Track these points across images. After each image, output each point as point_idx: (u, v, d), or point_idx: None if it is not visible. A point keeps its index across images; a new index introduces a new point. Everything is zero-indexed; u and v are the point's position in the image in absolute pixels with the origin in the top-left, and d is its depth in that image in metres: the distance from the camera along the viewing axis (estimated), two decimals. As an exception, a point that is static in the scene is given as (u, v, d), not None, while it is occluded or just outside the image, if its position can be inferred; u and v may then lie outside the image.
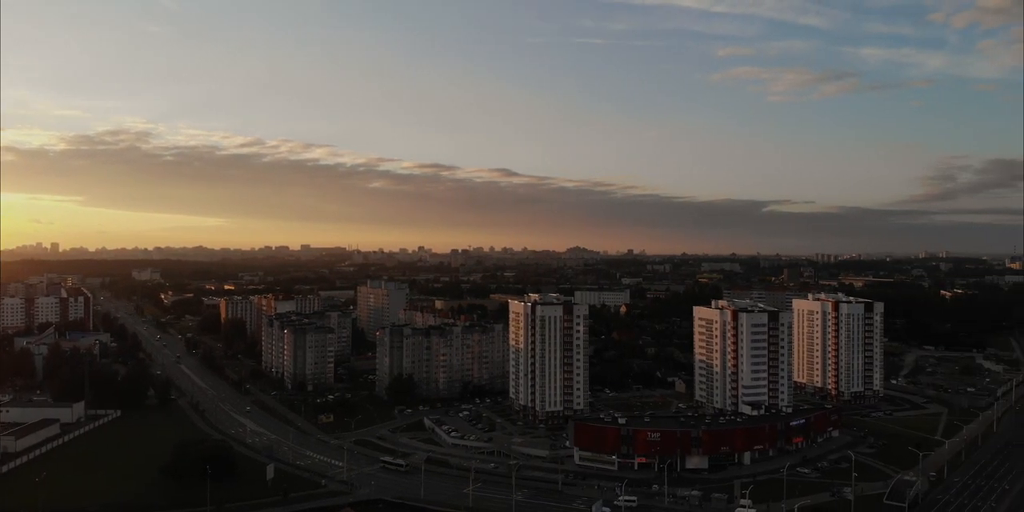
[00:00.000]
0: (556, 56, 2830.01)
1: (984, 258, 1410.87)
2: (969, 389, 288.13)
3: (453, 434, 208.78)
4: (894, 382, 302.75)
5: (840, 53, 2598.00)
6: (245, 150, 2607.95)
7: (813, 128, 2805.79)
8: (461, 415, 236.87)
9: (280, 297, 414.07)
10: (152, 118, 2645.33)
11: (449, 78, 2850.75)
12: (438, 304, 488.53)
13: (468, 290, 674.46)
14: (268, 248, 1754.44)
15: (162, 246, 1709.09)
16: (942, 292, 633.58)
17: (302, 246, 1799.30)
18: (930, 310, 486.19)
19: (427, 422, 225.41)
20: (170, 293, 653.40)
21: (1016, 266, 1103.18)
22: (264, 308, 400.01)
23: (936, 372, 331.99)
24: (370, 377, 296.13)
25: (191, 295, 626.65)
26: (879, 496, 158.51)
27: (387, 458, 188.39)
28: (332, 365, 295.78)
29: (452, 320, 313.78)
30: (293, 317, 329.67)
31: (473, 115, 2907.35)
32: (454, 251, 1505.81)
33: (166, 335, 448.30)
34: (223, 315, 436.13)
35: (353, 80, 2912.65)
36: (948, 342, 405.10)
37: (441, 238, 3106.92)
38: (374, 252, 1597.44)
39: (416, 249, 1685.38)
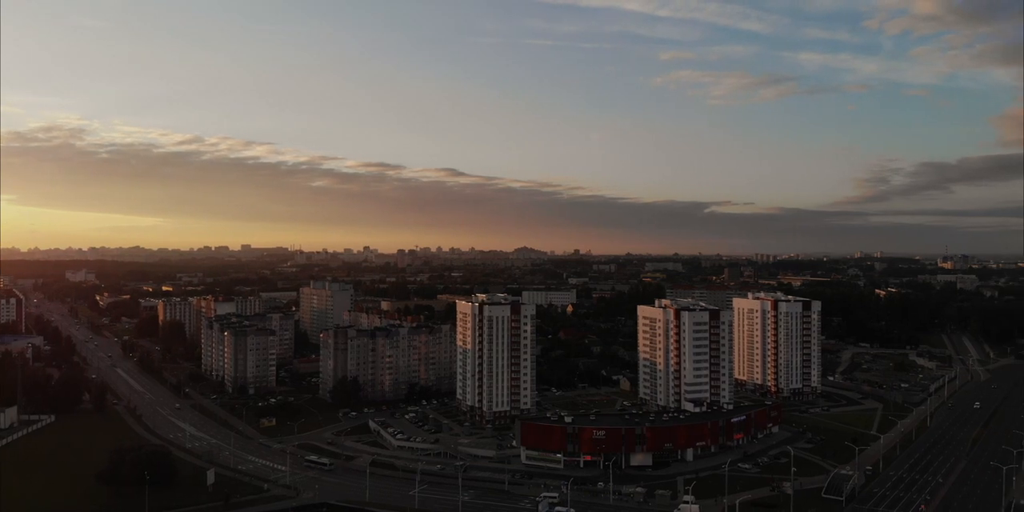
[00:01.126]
0: (504, 56, 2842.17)
1: (917, 258, 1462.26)
2: (903, 385, 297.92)
3: (399, 436, 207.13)
4: (831, 379, 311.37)
5: (779, 58, 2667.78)
6: (183, 148, 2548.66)
7: (753, 131, 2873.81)
8: (407, 417, 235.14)
9: (220, 298, 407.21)
10: (87, 114, 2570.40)
11: (395, 76, 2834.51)
12: (384, 305, 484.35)
13: (415, 291, 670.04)
14: (207, 248, 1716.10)
15: (97, 246, 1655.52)
16: (877, 291, 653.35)
17: (243, 246, 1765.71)
18: (865, 308, 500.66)
19: (372, 425, 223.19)
20: (106, 295, 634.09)
21: (947, 266, 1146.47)
22: (203, 310, 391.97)
23: (871, 369, 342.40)
24: (314, 380, 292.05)
25: (127, 297, 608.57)
26: (817, 490, 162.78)
27: (312, 457, 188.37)
28: (274, 368, 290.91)
29: (398, 321, 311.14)
30: (233, 319, 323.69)
31: (419, 114, 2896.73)
32: (400, 251, 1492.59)
33: (102, 338, 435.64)
34: (161, 317, 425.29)
35: (295, 77, 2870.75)
36: (883, 339, 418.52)
37: (387, 238, 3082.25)
38: (317, 252, 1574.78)
39: (361, 249, 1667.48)
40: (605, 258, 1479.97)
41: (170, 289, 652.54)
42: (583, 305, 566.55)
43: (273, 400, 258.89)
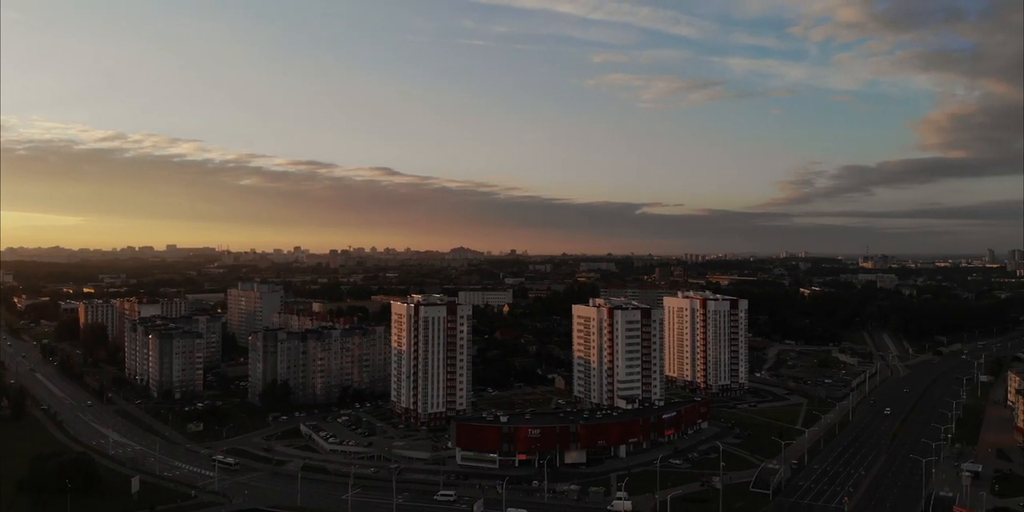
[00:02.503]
0: (437, 55, 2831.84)
1: (839, 258, 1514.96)
2: (827, 381, 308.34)
3: (331, 440, 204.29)
4: (758, 375, 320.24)
5: (709, 63, 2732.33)
6: (105, 145, 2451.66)
7: (682, 134, 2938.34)
8: (340, 420, 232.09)
9: (144, 300, 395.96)
10: (3, 109, 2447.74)
11: (325, 73, 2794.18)
12: (316, 306, 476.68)
13: (348, 292, 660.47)
14: (131, 249, 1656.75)
15: (14, 246, 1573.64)
16: (801, 290, 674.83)
17: (168, 246, 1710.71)
18: (790, 307, 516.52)
19: (304, 428, 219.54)
20: (24, 297, 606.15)
21: (868, 265, 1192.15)
22: (127, 312, 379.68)
23: (796, 365, 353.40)
24: (242, 384, 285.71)
25: (47, 299, 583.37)
26: (746, 484, 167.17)
27: (218, 456, 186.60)
28: (201, 372, 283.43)
29: (331, 323, 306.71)
30: (158, 322, 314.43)
31: (351, 112, 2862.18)
32: (333, 251, 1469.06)
33: (20, 342, 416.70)
34: (82, 320, 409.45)
35: (223, 72, 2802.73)
36: (807, 337, 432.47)
37: (319, 238, 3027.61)
38: (246, 253, 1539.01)
39: (292, 250, 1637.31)
40: (541, 258, 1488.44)
41: (92, 291, 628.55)
42: (520, 305, 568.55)
43: (200, 405, 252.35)
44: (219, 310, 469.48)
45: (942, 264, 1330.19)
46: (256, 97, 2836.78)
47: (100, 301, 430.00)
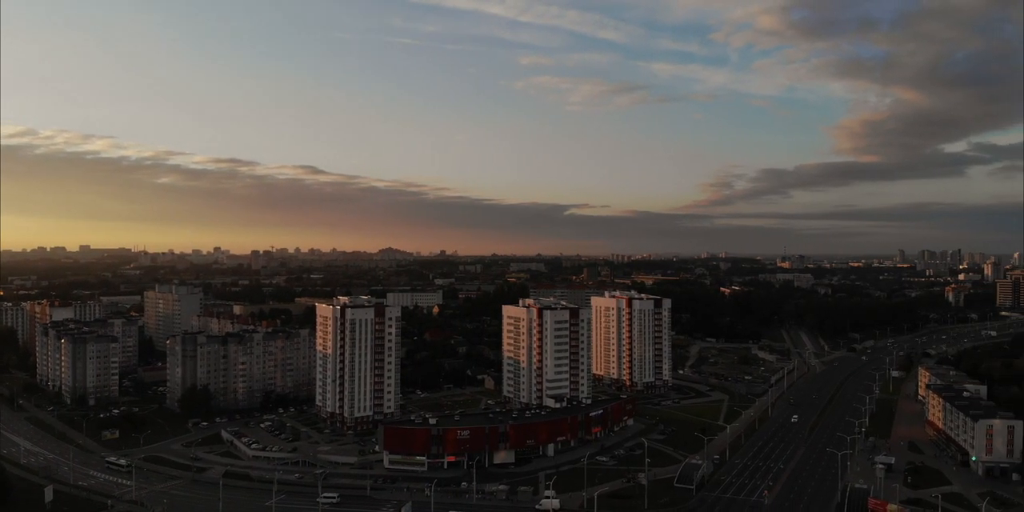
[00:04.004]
0: (364, 53, 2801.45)
1: (758, 258, 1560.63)
2: (747, 377, 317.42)
3: (254, 446, 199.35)
4: (681, 372, 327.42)
5: (634, 67, 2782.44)
6: (15, 141, 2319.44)
7: (608, 137, 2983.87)
8: (263, 426, 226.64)
9: (56, 303, 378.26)
10: None
11: (249, 68, 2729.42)
12: (237, 309, 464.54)
13: (271, 294, 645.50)
14: (42, 249, 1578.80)
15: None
16: (722, 289, 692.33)
17: (81, 247, 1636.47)
18: (712, 305, 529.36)
19: (225, 435, 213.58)
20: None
21: (785, 265, 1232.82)
22: (38, 315, 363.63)
23: (718, 362, 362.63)
24: (160, 389, 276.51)
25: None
26: (670, 480, 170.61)
27: (111, 458, 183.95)
28: (117, 377, 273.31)
29: (253, 326, 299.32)
30: (71, 325, 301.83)
31: (274, 109, 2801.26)
32: (255, 252, 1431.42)
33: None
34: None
35: (140, 66, 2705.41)
36: (728, 334, 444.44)
37: (240, 238, 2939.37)
38: (163, 253, 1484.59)
39: (212, 250, 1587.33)
40: (471, 259, 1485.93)
41: (1, 293, 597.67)
42: (449, 306, 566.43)
43: (116, 411, 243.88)
44: (135, 313, 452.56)
45: (856, 264, 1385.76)
46: (175, 92, 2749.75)
47: (9, 304, 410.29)
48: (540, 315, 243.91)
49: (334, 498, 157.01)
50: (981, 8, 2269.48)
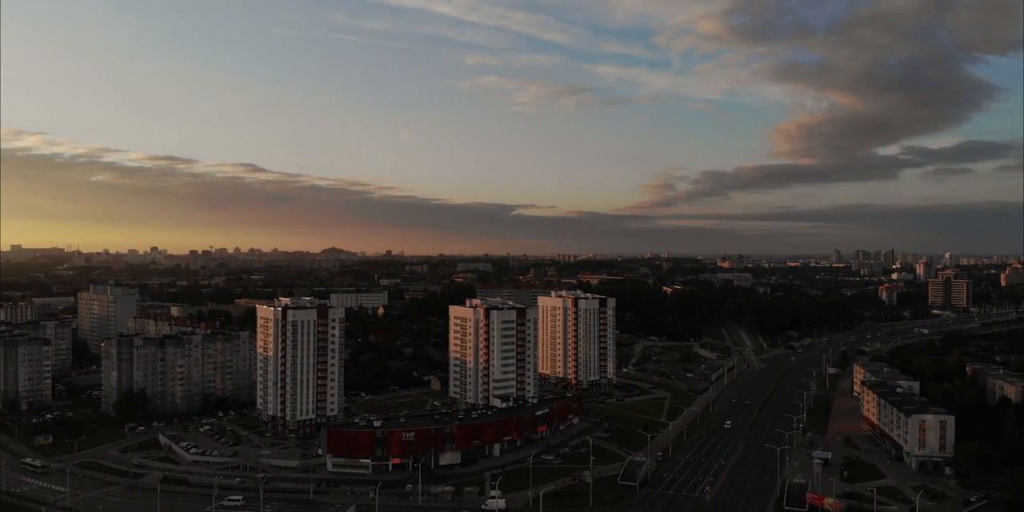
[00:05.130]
0: (308, 49, 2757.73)
1: (699, 258, 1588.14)
2: (688, 375, 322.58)
3: (193, 450, 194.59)
4: (625, 370, 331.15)
5: (580, 69, 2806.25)
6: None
7: (554, 138, 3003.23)
8: (202, 430, 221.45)
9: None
10: None
11: (187, 63, 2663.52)
12: (175, 311, 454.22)
13: (210, 295, 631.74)
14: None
15: None
16: (665, 288, 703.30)
17: (12, 247, 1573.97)
18: (655, 305, 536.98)
19: (163, 439, 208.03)
20: None
21: (725, 265, 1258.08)
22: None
23: (660, 360, 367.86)
24: (95, 393, 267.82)
25: None
26: (614, 477, 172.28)
27: (27, 460, 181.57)
28: (49, 381, 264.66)
29: (191, 328, 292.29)
30: (2, 328, 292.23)
31: (213, 105, 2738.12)
32: (193, 252, 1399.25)
33: None
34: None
35: (74, 60, 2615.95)
36: (670, 333, 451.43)
37: (177, 238, 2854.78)
38: (98, 253, 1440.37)
39: (148, 250, 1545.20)
40: (418, 259, 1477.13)
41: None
42: (395, 306, 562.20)
43: (49, 416, 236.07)
44: (69, 315, 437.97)
45: (793, 264, 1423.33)
46: (110, 87, 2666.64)
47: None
48: (487, 315, 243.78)
49: (238, 501, 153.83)
50: (914, 15, 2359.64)
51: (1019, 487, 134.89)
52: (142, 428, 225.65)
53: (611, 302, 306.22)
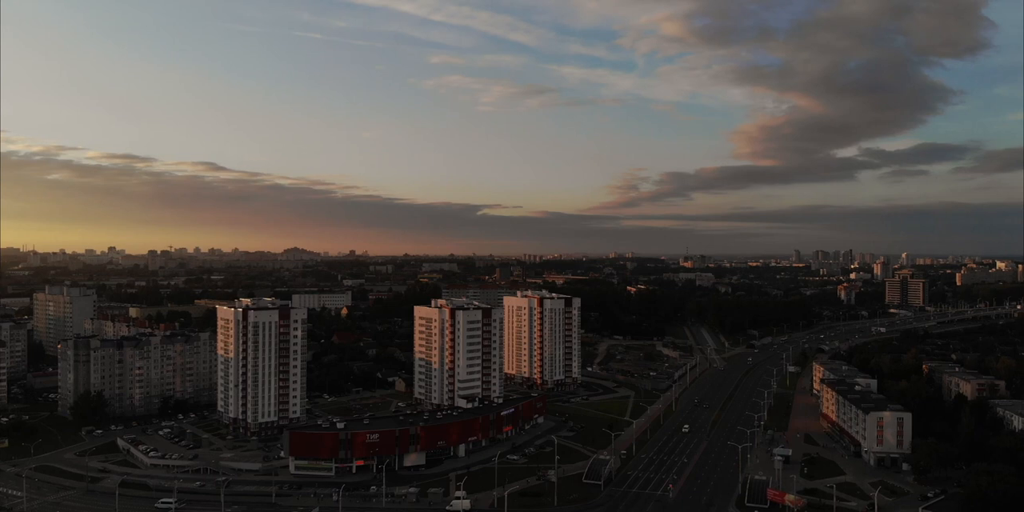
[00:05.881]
0: (270, 47, 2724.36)
1: (662, 258, 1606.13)
2: (652, 373, 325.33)
3: (152, 454, 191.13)
4: (590, 369, 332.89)
5: (545, 70, 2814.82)
6: None
7: (520, 138, 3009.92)
8: (162, 433, 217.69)
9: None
10: None
11: (147, 60, 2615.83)
12: (133, 312, 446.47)
13: (169, 296, 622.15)
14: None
15: None
16: (629, 288, 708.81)
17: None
18: (619, 304, 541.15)
19: (121, 443, 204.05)
20: None
21: (688, 265, 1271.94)
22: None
23: (624, 359, 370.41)
24: (52, 396, 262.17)
25: None
26: (579, 476, 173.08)
27: None
28: (4, 383, 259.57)
29: (150, 329, 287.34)
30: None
31: (174, 103, 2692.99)
32: (152, 252, 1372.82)
33: None
34: None
35: (29, 56, 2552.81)
36: (634, 332, 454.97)
37: (136, 238, 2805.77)
38: (54, 254, 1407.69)
39: (106, 250, 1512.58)
40: (382, 259, 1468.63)
41: None
42: (359, 307, 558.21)
43: (4, 419, 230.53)
44: (25, 316, 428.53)
45: (754, 264, 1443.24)
46: (67, 84, 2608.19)
47: None
48: (453, 315, 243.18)
49: (171, 504, 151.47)
50: (873, 19, 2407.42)
51: (975, 483, 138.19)
52: (100, 431, 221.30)
53: (576, 302, 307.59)
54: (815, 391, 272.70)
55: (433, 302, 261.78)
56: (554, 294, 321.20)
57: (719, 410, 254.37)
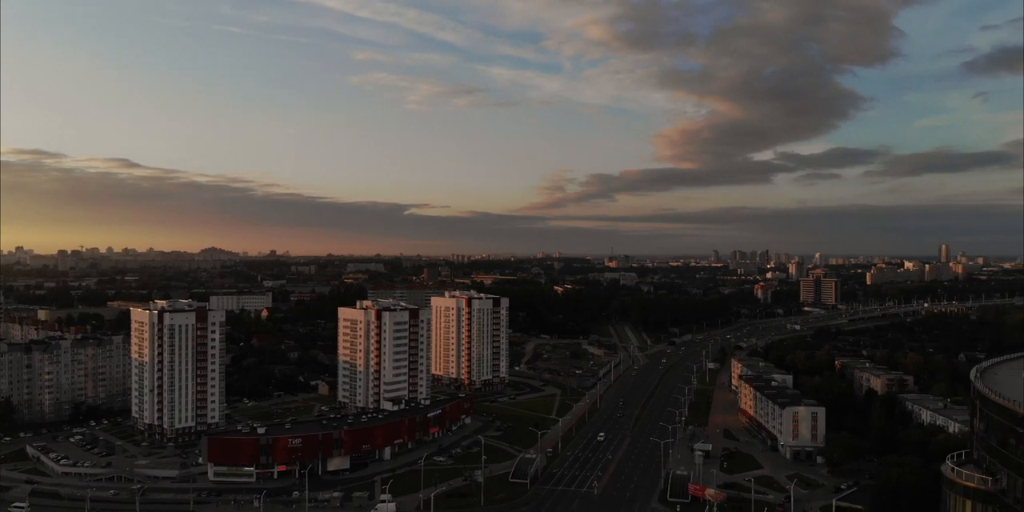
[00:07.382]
0: (188, 40, 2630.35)
1: (588, 258, 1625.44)
2: (578, 371, 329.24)
3: (63, 462, 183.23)
4: (517, 368, 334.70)
5: (474, 70, 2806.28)
6: None
7: (448, 137, 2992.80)
8: (73, 440, 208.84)
9: None
10: None
11: (55, 52, 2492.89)
12: (42, 314, 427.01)
13: (80, 297, 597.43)
14: None
15: None
16: (556, 287, 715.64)
17: None
18: (546, 304, 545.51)
19: (31, 450, 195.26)
20: None
21: (612, 264, 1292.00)
22: None
23: (551, 358, 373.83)
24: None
25: None
26: (506, 475, 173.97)
27: None
28: None
29: (60, 332, 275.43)
30: None
31: (85, 96, 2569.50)
32: (62, 252, 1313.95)
33: None
34: None
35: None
36: (561, 331, 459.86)
37: (45, 237, 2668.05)
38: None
39: (13, 250, 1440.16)
40: (305, 259, 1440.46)
41: None
42: (280, 309, 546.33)
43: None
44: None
45: (675, 263, 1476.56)
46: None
47: None
48: (379, 317, 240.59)
49: (23, 508, 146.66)
50: (789, 27, 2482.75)
51: (885, 475, 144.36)
52: (8, 439, 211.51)
53: (504, 302, 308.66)
54: (734, 387, 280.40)
55: (358, 303, 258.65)
56: (482, 294, 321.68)
57: (642, 407, 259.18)
